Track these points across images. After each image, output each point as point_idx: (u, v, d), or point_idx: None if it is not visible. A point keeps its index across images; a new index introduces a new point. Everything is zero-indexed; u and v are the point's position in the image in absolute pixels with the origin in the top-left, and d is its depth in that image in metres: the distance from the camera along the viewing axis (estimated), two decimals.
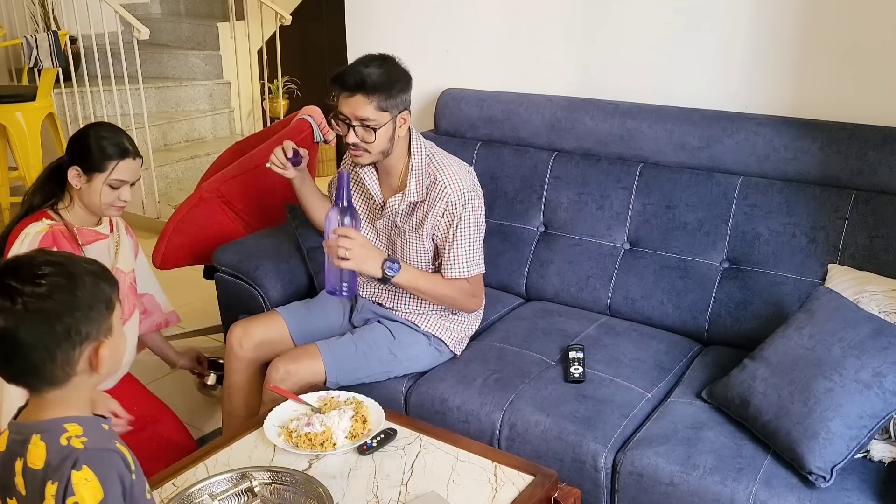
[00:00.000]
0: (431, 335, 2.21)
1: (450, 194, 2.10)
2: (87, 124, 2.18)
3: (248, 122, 5.66)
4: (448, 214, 2.11)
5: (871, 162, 2.12)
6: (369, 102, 2.01)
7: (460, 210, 2.10)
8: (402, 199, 2.15)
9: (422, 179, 2.14)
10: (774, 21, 2.30)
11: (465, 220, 2.11)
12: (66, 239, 2.07)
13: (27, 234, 2.04)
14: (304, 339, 2.23)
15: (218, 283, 2.53)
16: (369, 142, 2.06)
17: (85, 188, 2.08)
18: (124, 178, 2.08)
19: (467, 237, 2.12)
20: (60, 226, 2.08)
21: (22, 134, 4.22)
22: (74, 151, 2.10)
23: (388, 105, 2.04)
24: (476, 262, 2.16)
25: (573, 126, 2.53)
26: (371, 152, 2.09)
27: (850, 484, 1.70)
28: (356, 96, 2.01)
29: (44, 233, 2.03)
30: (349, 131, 2.06)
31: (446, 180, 2.11)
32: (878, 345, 1.74)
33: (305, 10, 5.74)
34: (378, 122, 2.03)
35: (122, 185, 2.09)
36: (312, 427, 1.78)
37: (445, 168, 2.13)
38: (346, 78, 2.02)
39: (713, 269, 2.29)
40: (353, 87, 2.01)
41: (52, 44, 4.11)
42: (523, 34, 2.74)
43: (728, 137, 2.29)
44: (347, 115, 2.04)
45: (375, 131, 2.04)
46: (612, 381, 2.07)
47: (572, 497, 1.70)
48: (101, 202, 2.08)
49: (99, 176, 2.06)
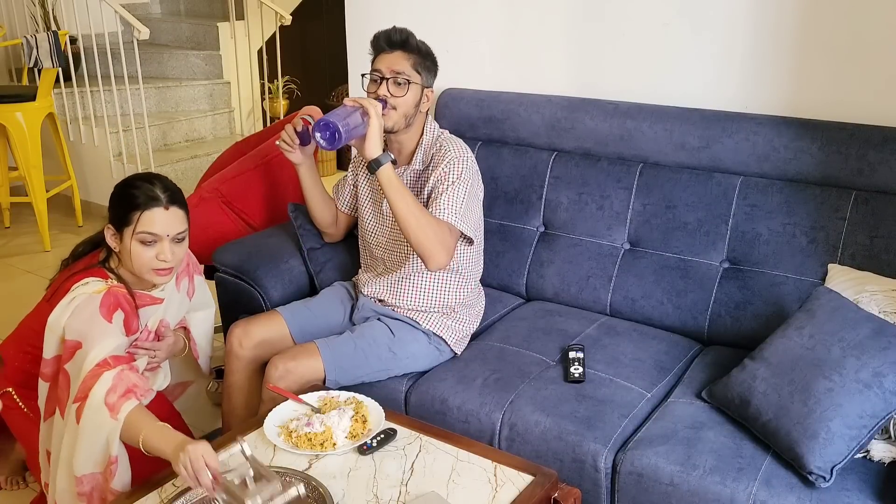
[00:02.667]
0: (432, 333, 2.21)
1: (451, 155, 2.17)
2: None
3: (248, 122, 5.66)
4: (445, 168, 2.15)
5: (871, 162, 2.12)
6: (407, 59, 2.14)
7: (460, 168, 2.15)
8: (407, 169, 2.23)
9: (428, 150, 2.24)
10: (774, 21, 2.30)
11: (463, 178, 2.14)
12: (126, 302, 1.85)
13: (81, 291, 1.82)
14: (305, 338, 2.23)
15: (218, 283, 2.52)
16: (399, 96, 2.13)
17: (121, 249, 1.84)
18: (153, 231, 1.79)
19: (461, 191, 2.13)
20: (121, 287, 1.86)
21: (22, 134, 4.21)
22: (109, 209, 1.87)
23: (422, 70, 2.17)
24: (462, 217, 2.11)
25: (573, 126, 2.53)
26: (397, 110, 2.14)
27: (850, 484, 1.70)
28: (396, 52, 2.14)
29: (103, 293, 1.81)
30: (381, 84, 2.13)
31: (449, 146, 2.19)
32: (878, 345, 1.74)
33: (305, 10, 5.74)
34: (412, 78, 2.14)
35: (156, 241, 1.81)
36: (312, 427, 1.79)
37: (449, 139, 2.24)
38: (391, 34, 2.15)
39: (713, 269, 2.29)
40: (398, 43, 2.14)
41: (52, 44, 4.11)
42: (523, 34, 2.74)
43: (728, 137, 2.29)
44: (383, 69, 2.14)
45: (408, 85, 2.13)
46: (612, 381, 2.07)
47: (572, 497, 1.70)
48: (138, 265, 1.82)
49: (127, 231, 1.80)
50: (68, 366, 1.81)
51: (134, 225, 1.81)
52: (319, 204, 2.39)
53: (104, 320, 1.81)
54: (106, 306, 1.82)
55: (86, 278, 1.85)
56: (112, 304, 1.82)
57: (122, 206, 1.83)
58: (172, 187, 1.89)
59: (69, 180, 4.61)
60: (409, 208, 2.03)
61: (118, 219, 1.84)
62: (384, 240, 2.31)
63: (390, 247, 2.30)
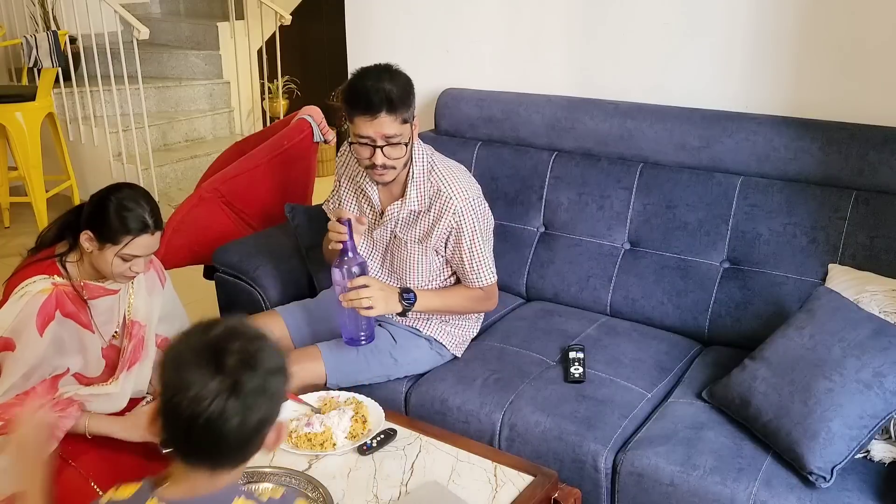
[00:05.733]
0: (433, 339, 2.20)
1: (457, 206, 2.06)
2: (112, 186, 1.95)
3: (247, 122, 5.66)
4: (458, 227, 2.07)
5: (871, 162, 2.12)
6: (395, 119, 1.93)
7: (472, 221, 2.07)
8: (402, 205, 2.10)
9: (423, 188, 2.09)
10: (774, 21, 2.30)
11: (478, 230, 2.09)
12: (69, 299, 1.93)
13: (27, 291, 1.88)
14: (304, 339, 2.23)
15: (218, 283, 2.52)
16: (397, 157, 1.98)
17: (96, 254, 1.90)
18: (137, 254, 1.91)
19: (485, 246, 2.12)
20: (66, 286, 1.93)
21: (21, 134, 4.21)
22: (91, 215, 1.90)
23: (408, 116, 1.97)
24: (493, 265, 2.16)
25: (573, 126, 2.53)
26: (397, 168, 2.01)
27: (851, 484, 1.70)
28: (381, 116, 1.91)
29: (46, 295, 1.87)
30: (374, 153, 1.96)
31: (452, 192, 2.06)
32: (878, 345, 1.74)
33: (305, 10, 5.74)
34: (405, 137, 1.97)
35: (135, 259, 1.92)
36: (312, 427, 1.78)
37: (448, 178, 2.08)
38: (371, 98, 1.90)
39: (713, 269, 2.29)
40: (380, 107, 1.90)
41: (51, 44, 4.11)
42: (523, 34, 2.74)
43: (728, 137, 2.29)
44: (372, 136, 1.94)
45: (405, 146, 1.98)
46: (613, 381, 2.07)
47: (572, 497, 1.70)
48: (111, 271, 1.91)
49: (111, 248, 1.88)
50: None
51: (121, 246, 1.89)
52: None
53: (36, 332, 1.87)
54: (43, 316, 1.87)
55: (33, 276, 1.92)
56: (48, 314, 1.88)
57: (113, 226, 1.89)
58: (156, 210, 1.96)
59: (69, 180, 4.61)
60: (448, 306, 2.11)
61: (104, 234, 1.89)
62: (376, 265, 2.24)
63: (382, 277, 2.23)
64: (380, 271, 2.23)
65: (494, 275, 2.15)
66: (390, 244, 2.20)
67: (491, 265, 2.14)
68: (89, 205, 1.93)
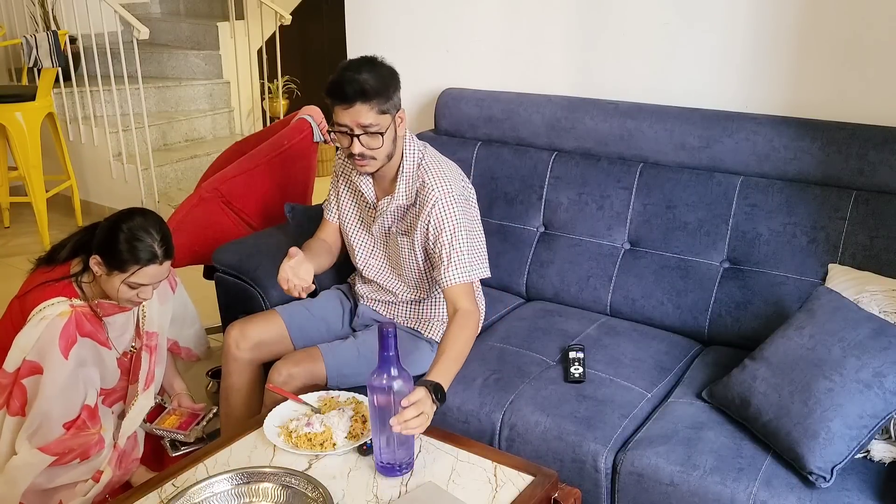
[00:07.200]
0: (434, 341, 2.20)
1: (437, 196, 2.04)
2: (125, 212, 1.98)
3: (247, 121, 5.66)
4: (438, 219, 2.04)
5: (871, 162, 2.12)
6: (371, 108, 1.94)
7: (452, 213, 2.04)
8: (391, 201, 2.11)
9: (411, 182, 2.09)
10: (774, 20, 2.30)
11: (460, 224, 2.04)
12: (87, 319, 1.98)
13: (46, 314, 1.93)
14: (304, 339, 2.23)
15: (218, 283, 2.52)
16: (375, 148, 1.99)
17: (104, 278, 1.96)
18: (144, 283, 1.95)
19: (462, 242, 2.03)
20: (84, 307, 1.98)
21: (21, 134, 4.21)
22: (101, 241, 1.95)
23: (388, 107, 1.98)
24: (469, 265, 2.04)
25: (573, 126, 2.53)
26: (377, 158, 2.02)
27: (851, 484, 1.70)
28: (356, 105, 1.93)
29: (65, 318, 1.93)
30: (353, 141, 1.98)
31: (433, 183, 2.05)
32: (878, 345, 1.74)
33: (305, 10, 5.74)
34: (382, 126, 1.97)
35: (142, 287, 1.97)
36: (312, 427, 1.78)
37: (433, 171, 2.07)
38: (345, 88, 1.92)
39: (713, 269, 2.29)
40: (353, 97, 1.92)
41: (51, 43, 4.11)
42: (523, 34, 2.74)
43: (728, 137, 2.29)
44: (349, 124, 1.96)
45: (382, 136, 1.98)
46: (613, 381, 2.07)
47: (572, 497, 1.70)
48: (117, 297, 1.97)
49: (119, 275, 1.93)
50: (25, 381, 1.94)
51: (129, 274, 1.93)
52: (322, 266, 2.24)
53: (61, 356, 1.92)
54: (65, 339, 1.92)
55: (52, 298, 1.96)
56: (71, 337, 1.93)
57: (122, 255, 1.92)
58: (167, 238, 1.98)
59: (69, 180, 4.61)
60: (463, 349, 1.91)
61: (113, 262, 1.93)
62: (377, 263, 2.24)
63: (384, 274, 2.24)
64: (382, 266, 2.25)
65: (469, 275, 2.02)
66: (387, 239, 2.21)
67: (468, 264, 2.04)
68: (101, 230, 1.97)
